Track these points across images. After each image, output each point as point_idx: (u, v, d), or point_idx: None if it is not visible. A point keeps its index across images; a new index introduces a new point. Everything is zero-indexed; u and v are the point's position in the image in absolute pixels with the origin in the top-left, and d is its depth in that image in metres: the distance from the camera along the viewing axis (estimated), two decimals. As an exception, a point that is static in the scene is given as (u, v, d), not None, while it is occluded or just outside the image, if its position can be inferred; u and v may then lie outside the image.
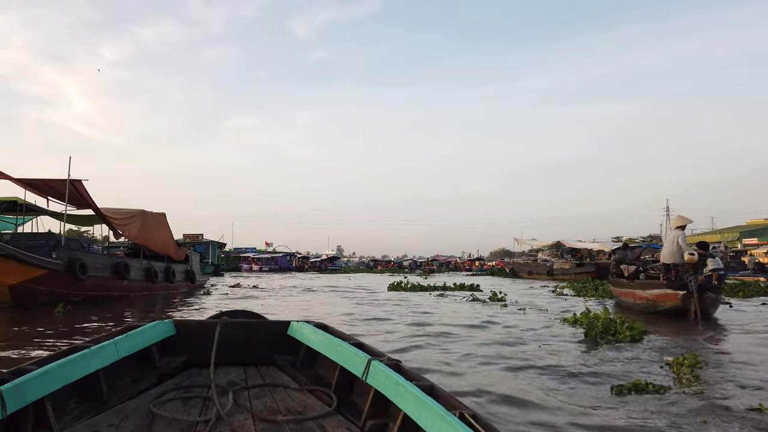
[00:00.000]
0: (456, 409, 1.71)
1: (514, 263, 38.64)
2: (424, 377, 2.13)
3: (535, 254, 46.82)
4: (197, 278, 20.69)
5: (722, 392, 4.35)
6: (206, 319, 3.25)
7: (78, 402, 2.25)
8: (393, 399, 1.98)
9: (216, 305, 12.99)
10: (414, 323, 8.89)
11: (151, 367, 2.83)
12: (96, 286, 13.45)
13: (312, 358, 2.99)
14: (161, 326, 3.00)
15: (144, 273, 15.91)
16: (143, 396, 2.46)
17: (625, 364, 5.47)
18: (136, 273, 15.33)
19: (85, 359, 2.26)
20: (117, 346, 2.53)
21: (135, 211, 15.97)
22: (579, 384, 4.61)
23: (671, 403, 4.00)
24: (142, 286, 15.77)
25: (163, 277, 17.16)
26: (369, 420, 2.14)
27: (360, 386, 2.42)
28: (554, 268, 32.77)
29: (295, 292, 18.90)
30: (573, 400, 4.09)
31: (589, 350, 6.32)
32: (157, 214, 17.30)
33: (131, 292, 15.08)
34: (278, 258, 60.54)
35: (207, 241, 46.85)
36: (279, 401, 2.44)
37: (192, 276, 19.92)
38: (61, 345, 6.53)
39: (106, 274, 13.92)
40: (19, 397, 1.80)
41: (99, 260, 13.83)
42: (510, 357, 5.85)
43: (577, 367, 5.24)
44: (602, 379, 4.79)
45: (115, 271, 14.25)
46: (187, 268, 19.82)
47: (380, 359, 2.25)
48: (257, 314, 3.41)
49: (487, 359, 5.72)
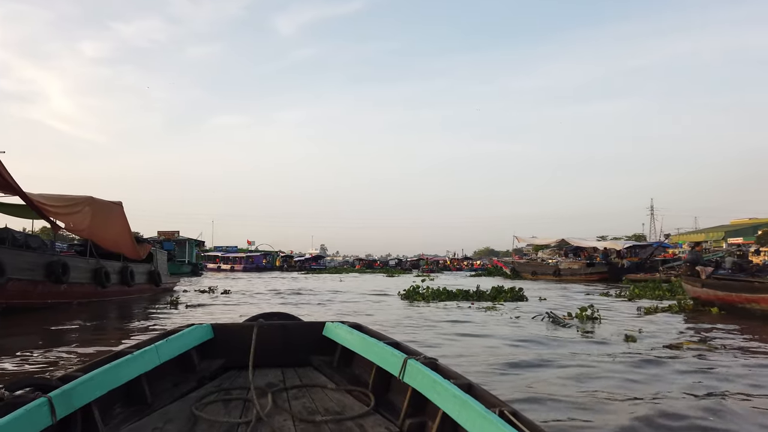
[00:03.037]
0: (496, 406, 1.67)
1: (516, 263, 35.98)
2: (462, 375, 2.09)
3: (531, 253, 44.30)
4: (163, 280, 17.56)
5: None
6: (243, 322, 3.27)
7: (123, 406, 2.29)
8: (431, 397, 1.96)
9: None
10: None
11: (191, 371, 2.85)
12: (20, 293, 10.36)
13: (348, 358, 2.98)
14: (200, 330, 3.02)
15: (91, 274, 12.80)
16: (185, 399, 2.47)
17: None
18: (79, 274, 12.20)
19: (128, 364, 2.28)
20: (158, 350, 2.56)
21: (80, 198, 12.81)
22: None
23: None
24: (88, 291, 12.65)
25: (117, 280, 14.05)
26: (407, 419, 2.11)
27: (397, 385, 2.39)
28: (561, 268, 30.31)
29: (276, 300, 15.91)
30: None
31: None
32: (111, 202, 14.14)
33: (72, 298, 11.96)
34: (255, 257, 57.12)
35: (183, 239, 43.71)
36: (317, 401, 2.44)
37: (156, 278, 16.79)
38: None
39: (35, 276, 10.80)
40: (67, 403, 1.82)
41: (24, 259, 10.69)
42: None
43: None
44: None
45: (49, 272, 11.12)
46: (151, 268, 16.69)
47: (416, 358, 2.23)
48: (293, 316, 3.43)
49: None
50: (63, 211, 12.03)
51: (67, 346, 6.89)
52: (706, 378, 4.96)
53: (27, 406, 1.65)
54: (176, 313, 11.23)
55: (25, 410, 1.63)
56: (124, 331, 8.77)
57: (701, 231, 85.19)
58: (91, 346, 6.89)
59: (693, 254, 12.51)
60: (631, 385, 4.65)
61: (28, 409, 1.64)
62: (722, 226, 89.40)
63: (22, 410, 1.62)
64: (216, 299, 14.89)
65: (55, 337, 7.90)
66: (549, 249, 37.92)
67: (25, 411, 1.63)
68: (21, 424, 1.59)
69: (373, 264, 67.87)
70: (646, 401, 4.14)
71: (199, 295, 16.44)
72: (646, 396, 4.29)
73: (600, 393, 4.37)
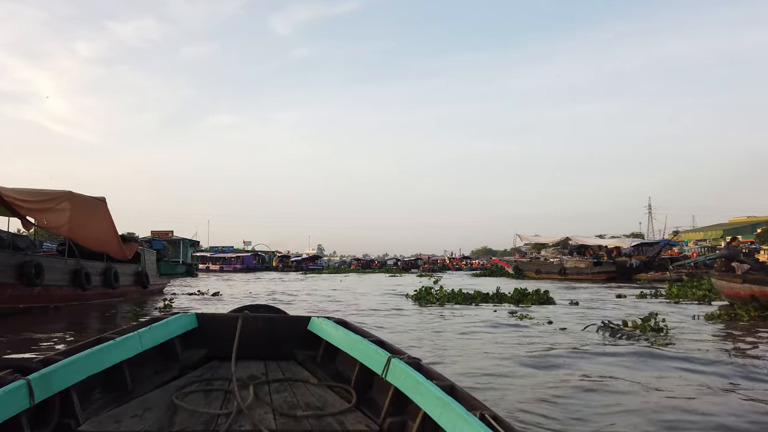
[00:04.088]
0: (477, 409, 1.66)
1: (519, 262, 35.04)
2: (444, 377, 2.05)
3: (531, 252, 43.42)
4: (152, 282, 16.56)
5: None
6: (228, 312, 3.26)
7: (102, 392, 2.27)
8: (412, 397, 1.94)
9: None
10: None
11: (174, 359, 2.81)
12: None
13: (332, 354, 2.95)
14: (184, 319, 2.99)
15: (70, 276, 11.80)
16: (165, 387, 2.43)
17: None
18: (55, 276, 11.21)
19: (110, 350, 2.26)
20: (141, 337, 2.53)
21: (57, 192, 11.80)
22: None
23: None
24: (66, 294, 11.64)
25: (100, 281, 13.04)
26: (388, 417, 2.10)
27: (379, 383, 2.36)
28: (567, 267, 29.43)
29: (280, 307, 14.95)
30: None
31: None
32: (93, 198, 13.13)
33: (48, 302, 10.97)
34: (245, 258, 56.07)
35: (177, 239, 42.78)
36: (299, 396, 2.41)
37: (144, 279, 15.77)
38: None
39: (5, 278, 9.81)
40: (46, 387, 1.79)
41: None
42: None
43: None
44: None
45: (21, 274, 10.14)
46: (138, 269, 15.68)
47: (400, 357, 2.20)
48: (278, 309, 3.42)
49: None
50: (37, 207, 11.02)
51: (35, 354, 5.93)
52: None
53: (5, 387, 1.63)
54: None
55: (3, 392, 1.61)
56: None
57: (699, 229, 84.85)
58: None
59: (730, 249, 11.51)
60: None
61: (6, 390, 1.62)
62: (720, 224, 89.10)
63: (0, 391, 1.59)
64: (207, 303, 13.92)
65: (22, 346, 6.93)
66: (552, 248, 37.01)
67: (3, 393, 1.61)
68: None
69: (370, 264, 66.82)
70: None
71: (188, 298, 15.29)
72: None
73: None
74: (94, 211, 13.03)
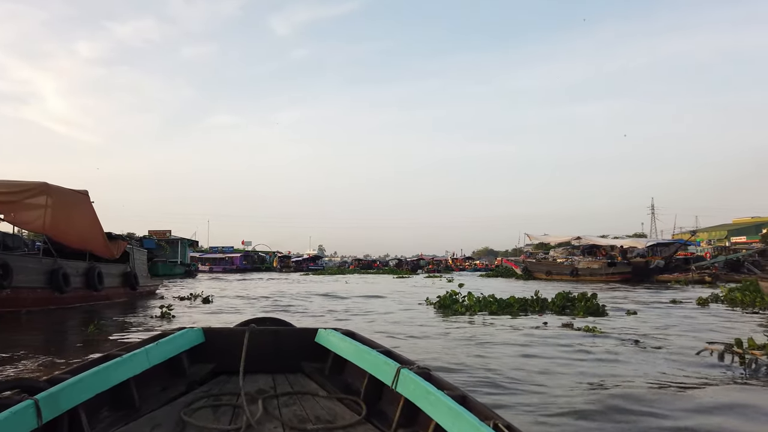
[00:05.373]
0: (490, 419, 1.63)
1: (528, 262, 33.82)
2: (456, 386, 2.01)
3: (536, 252, 42.15)
4: (141, 283, 15.37)
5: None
6: (234, 326, 3.21)
7: (110, 410, 2.24)
8: (423, 408, 1.91)
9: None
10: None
11: (181, 375, 2.79)
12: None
13: (340, 365, 2.90)
14: (191, 334, 2.97)
15: (46, 277, 10.62)
16: (173, 404, 2.41)
17: None
18: (27, 277, 10.04)
19: (117, 367, 2.23)
20: (148, 354, 2.50)
21: (31, 184, 10.62)
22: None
23: None
24: (42, 297, 10.47)
25: (81, 283, 11.86)
26: (399, 429, 2.08)
27: (389, 395, 2.32)
28: (579, 268, 28.21)
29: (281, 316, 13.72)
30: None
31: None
32: (73, 191, 11.93)
33: (19, 306, 9.80)
34: (235, 258, 55.00)
35: (175, 238, 41.72)
36: (308, 409, 2.37)
37: (132, 280, 14.59)
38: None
39: (-34, 279, 8.65)
40: (54, 406, 1.78)
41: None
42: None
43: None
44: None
45: (-15, 274, 8.97)
46: (126, 269, 14.50)
47: (410, 367, 2.17)
48: (284, 321, 3.36)
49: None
50: (7, 199, 9.85)
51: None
52: None
53: (13, 408, 1.61)
54: (150, 325, 9.06)
55: (11, 412, 1.59)
56: (90, 347, 6.69)
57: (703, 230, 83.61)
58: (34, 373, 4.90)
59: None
60: None
61: (14, 411, 1.60)
62: (724, 225, 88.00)
63: (7, 412, 1.58)
64: (201, 309, 12.71)
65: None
66: (561, 248, 35.78)
67: (11, 413, 1.59)
68: (6, 426, 1.56)
69: (372, 264, 65.52)
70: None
71: (179, 303, 13.32)
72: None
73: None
74: (75, 206, 11.86)
